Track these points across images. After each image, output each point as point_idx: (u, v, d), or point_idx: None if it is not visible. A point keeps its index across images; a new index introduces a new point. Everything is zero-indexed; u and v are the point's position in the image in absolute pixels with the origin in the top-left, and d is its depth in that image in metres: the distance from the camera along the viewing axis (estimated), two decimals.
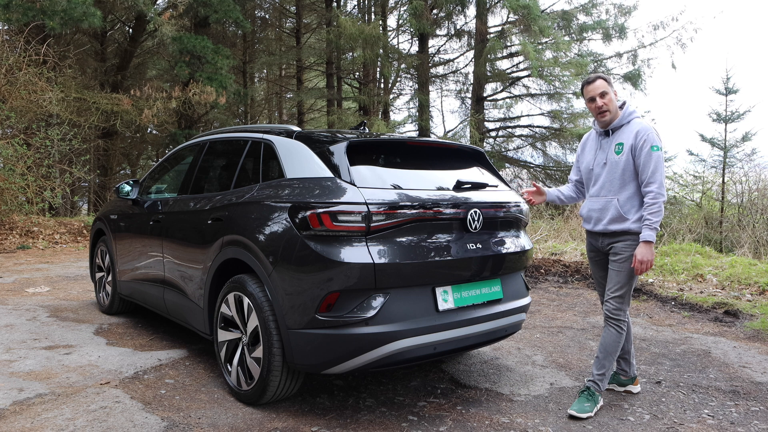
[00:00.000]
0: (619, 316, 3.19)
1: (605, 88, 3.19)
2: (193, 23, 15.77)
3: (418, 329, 2.83)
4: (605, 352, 3.20)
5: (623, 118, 3.22)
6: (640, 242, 3.06)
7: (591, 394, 3.16)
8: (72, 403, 3.16)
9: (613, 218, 3.18)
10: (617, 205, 3.16)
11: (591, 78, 3.27)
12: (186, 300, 3.86)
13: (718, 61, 57.09)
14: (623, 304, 3.19)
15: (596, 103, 3.20)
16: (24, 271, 7.79)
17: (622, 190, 3.17)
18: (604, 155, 3.25)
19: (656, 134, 3.13)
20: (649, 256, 3.04)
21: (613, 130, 3.24)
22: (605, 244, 3.27)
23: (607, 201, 3.21)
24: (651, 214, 3.03)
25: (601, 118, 3.22)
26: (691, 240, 11.28)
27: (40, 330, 4.68)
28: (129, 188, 4.86)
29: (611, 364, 3.20)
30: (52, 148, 11.22)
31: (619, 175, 3.17)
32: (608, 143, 3.25)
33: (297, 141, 3.28)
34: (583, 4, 14.94)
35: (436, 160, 3.49)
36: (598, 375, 3.19)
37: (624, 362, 3.47)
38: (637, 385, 3.49)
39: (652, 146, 3.07)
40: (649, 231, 3.03)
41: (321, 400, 3.29)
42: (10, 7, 10.10)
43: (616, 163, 3.17)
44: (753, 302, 5.75)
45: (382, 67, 16.90)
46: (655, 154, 3.06)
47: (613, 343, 3.19)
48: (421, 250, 2.91)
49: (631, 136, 3.14)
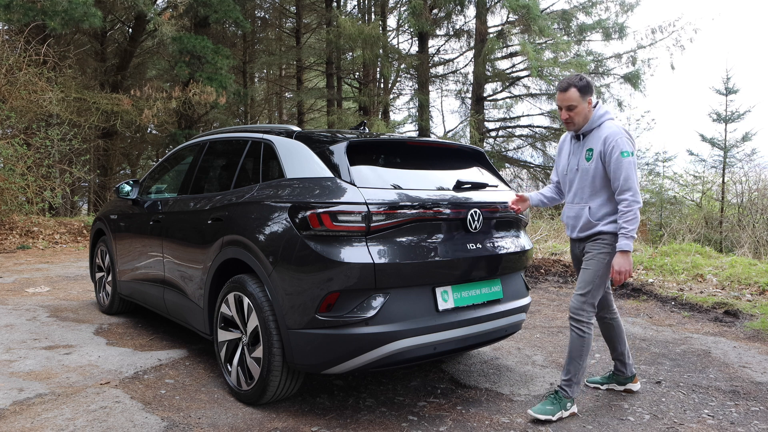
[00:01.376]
0: (580, 316, 3.06)
1: (575, 101, 3.04)
2: (193, 23, 15.77)
3: (418, 329, 2.83)
4: (569, 356, 3.09)
5: (593, 122, 3.09)
6: (617, 252, 2.97)
7: (558, 399, 3.05)
8: (72, 403, 3.16)
9: (584, 226, 3.12)
10: (587, 214, 3.09)
11: (563, 86, 3.10)
12: (186, 300, 3.86)
13: (718, 61, 57.10)
14: (585, 305, 3.06)
15: (563, 114, 3.11)
16: (24, 271, 7.79)
17: (593, 198, 3.09)
18: (576, 161, 3.16)
19: (627, 138, 3.00)
20: (626, 266, 2.94)
21: (583, 134, 3.14)
22: (581, 249, 3.21)
23: (580, 208, 3.15)
24: (626, 223, 2.94)
25: (567, 127, 3.16)
26: (691, 240, 11.28)
27: (40, 330, 4.68)
28: (129, 188, 4.86)
29: (578, 370, 3.07)
30: (52, 148, 11.22)
31: (590, 182, 3.08)
32: (579, 148, 3.16)
33: (297, 141, 3.28)
34: (582, 4, 14.95)
35: (436, 160, 3.49)
36: (565, 380, 3.08)
37: (620, 363, 3.43)
38: (636, 383, 3.46)
39: (621, 152, 2.95)
40: (625, 240, 2.94)
41: (321, 400, 3.29)
42: (11, 8, 10.11)
43: (586, 171, 3.09)
44: (753, 302, 5.75)
45: (382, 67, 16.90)
46: (625, 161, 2.94)
47: (577, 348, 3.06)
48: (421, 250, 2.91)
49: (599, 142, 3.02)
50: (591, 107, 3.08)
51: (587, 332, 3.07)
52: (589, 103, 3.08)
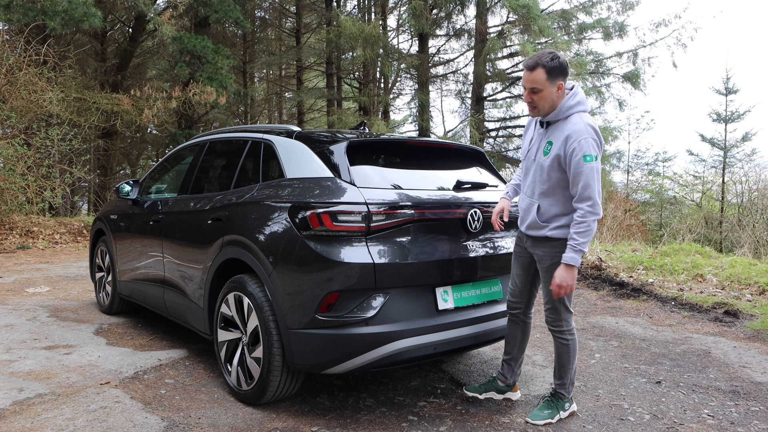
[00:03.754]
0: (560, 326, 2.95)
1: (540, 84, 2.68)
2: (193, 23, 15.78)
3: (418, 329, 2.83)
4: (558, 363, 3.02)
5: (561, 112, 2.72)
6: (562, 263, 2.72)
7: (554, 401, 3.02)
8: (72, 403, 3.16)
9: (531, 224, 2.91)
10: (535, 213, 2.85)
11: (530, 63, 2.71)
12: (186, 300, 3.86)
13: (718, 61, 57.07)
14: (560, 314, 2.94)
15: (525, 95, 2.77)
16: (24, 271, 7.79)
17: (544, 196, 2.81)
18: (535, 151, 2.86)
19: (593, 139, 2.65)
20: (568, 281, 2.70)
21: (548, 123, 2.81)
22: (528, 245, 2.99)
23: (530, 203, 2.90)
24: (578, 234, 2.65)
25: (531, 113, 2.83)
26: (691, 240, 11.29)
27: (40, 330, 4.68)
28: (129, 188, 4.86)
29: (569, 373, 3.01)
30: (52, 148, 11.23)
31: (544, 179, 2.79)
32: (541, 138, 2.84)
33: (297, 141, 3.28)
34: (582, 3, 14.95)
35: (436, 160, 3.49)
36: (558, 383, 3.04)
37: (507, 367, 3.22)
38: (516, 392, 3.29)
39: (583, 156, 2.61)
40: (572, 253, 2.67)
41: (321, 400, 3.29)
42: (11, 8, 10.11)
43: (541, 165, 2.80)
44: (753, 302, 5.75)
45: (382, 67, 16.90)
46: (586, 166, 2.60)
47: (565, 355, 2.98)
48: (421, 250, 2.91)
49: (561, 138, 2.69)
50: (561, 92, 2.72)
51: (571, 337, 2.98)
52: (559, 88, 2.70)
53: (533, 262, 3.05)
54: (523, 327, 3.19)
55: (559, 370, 3.03)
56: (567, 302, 2.94)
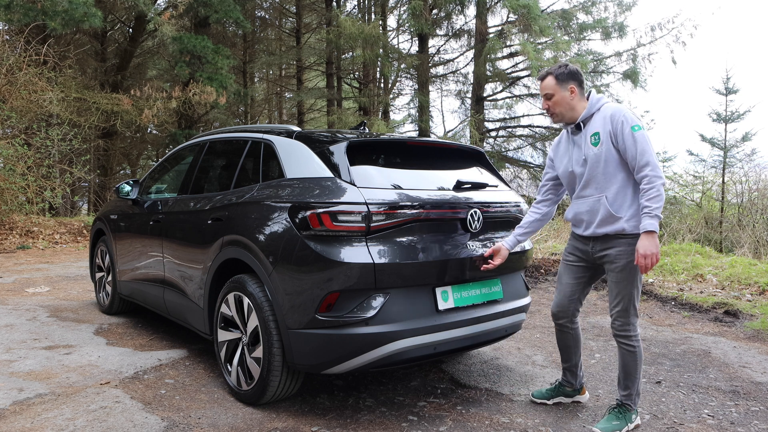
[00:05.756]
0: (628, 332, 2.86)
1: (553, 89, 2.89)
2: (193, 23, 15.78)
3: (418, 329, 2.83)
4: (624, 373, 2.90)
5: (592, 107, 2.88)
6: (641, 233, 2.66)
7: (623, 412, 2.89)
8: (72, 403, 3.16)
9: (604, 219, 2.82)
10: (606, 204, 2.80)
11: (542, 74, 2.98)
12: (186, 300, 3.86)
13: (718, 60, 57.10)
14: (629, 317, 2.85)
15: (543, 103, 2.97)
16: (24, 271, 7.79)
17: (609, 185, 2.80)
18: (581, 152, 2.89)
19: (633, 114, 2.79)
20: (652, 249, 2.62)
21: (584, 122, 2.90)
22: (597, 250, 2.91)
23: (595, 200, 2.85)
24: (650, 201, 2.64)
25: (553, 119, 2.97)
26: (691, 240, 11.28)
27: (40, 330, 4.68)
28: (129, 188, 4.87)
29: (636, 383, 2.90)
30: (52, 148, 11.23)
31: (603, 169, 2.80)
32: (582, 138, 2.89)
33: (297, 141, 3.28)
34: (582, 3, 14.95)
35: (436, 160, 3.49)
36: (624, 395, 2.92)
37: (570, 374, 3.22)
38: (585, 394, 3.27)
39: (632, 127, 2.71)
40: (649, 219, 2.63)
41: (321, 400, 3.29)
42: (11, 8, 10.11)
43: (596, 156, 2.80)
44: (753, 302, 5.75)
45: (382, 67, 16.90)
46: (638, 134, 2.70)
47: (631, 363, 2.87)
48: (421, 250, 2.91)
49: (606, 122, 2.79)
50: (575, 96, 2.89)
51: (638, 343, 2.88)
52: (572, 92, 2.88)
53: (590, 270, 3.02)
54: (574, 334, 3.15)
55: (626, 380, 2.90)
56: (636, 303, 2.86)
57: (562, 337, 3.18)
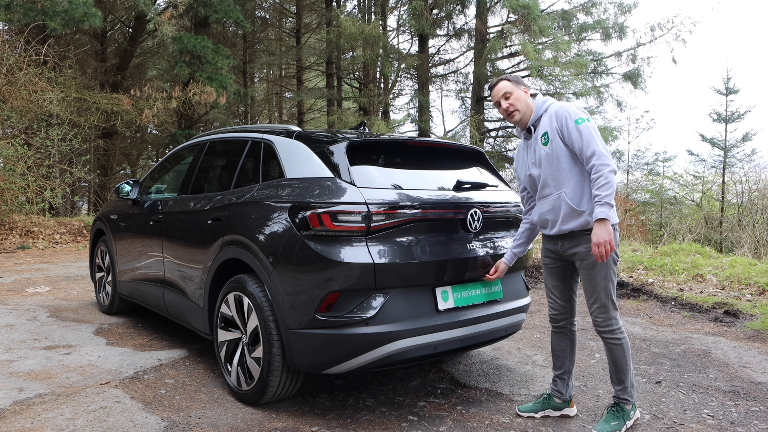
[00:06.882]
0: (611, 326, 2.87)
1: (509, 88, 2.96)
2: (193, 23, 15.78)
3: (418, 329, 2.83)
4: (615, 367, 2.90)
5: (539, 110, 2.95)
6: (594, 222, 2.69)
7: (620, 410, 2.89)
8: (72, 403, 3.16)
9: (567, 215, 2.84)
10: (566, 199, 2.83)
11: (493, 82, 3.05)
12: (186, 300, 3.86)
13: (718, 60, 57.07)
14: (609, 312, 2.85)
15: (502, 105, 2.97)
16: (24, 271, 7.79)
17: (566, 181, 2.84)
18: (535, 154, 2.96)
19: (578, 108, 2.87)
20: (605, 236, 2.65)
21: (534, 125, 2.97)
22: (566, 248, 2.93)
23: (556, 198, 2.88)
24: (599, 189, 2.68)
25: (512, 120, 2.99)
26: (691, 240, 11.29)
27: (40, 330, 4.68)
28: (129, 188, 4.87)
29: (628, 375, 2.90)
30: (52, 148, 11.23)
31: (557, 166, 2.85)
32: (534, 140, 2.97)
33: (297, 141, 3.28)
34: (582, 4, 14.94)
35: (436, 160, 3.49)
36: (620, 389, 2.91)
37: (561, 382, 3.11)
38: (573, 407, 3.12)
39: (576, 120, 2.78)
40: (600, 207, 2.66)
41: (321, 400, 3.29)
42: (12, 8, 10.11)
43: (548, 156, 2.87)
44: (753, 302, 5.75)
45: (382, 67, 16.90)
46: (582, 126, 2.75)
47: (620, 357, 2.88)
48: (421, 250, 2.91)
49: (552, 121, 2.86)
50: (528, 95, 2.99)
51: (622, 335, 2.88)
52: (525, 92, 2.99)
53: (569, 268, 3.03)
54: (571, 337, 3.13)
55: (618, 374, 2.90)
56: (613, 296, 2.87)
57: (560, 340, 3.14)
